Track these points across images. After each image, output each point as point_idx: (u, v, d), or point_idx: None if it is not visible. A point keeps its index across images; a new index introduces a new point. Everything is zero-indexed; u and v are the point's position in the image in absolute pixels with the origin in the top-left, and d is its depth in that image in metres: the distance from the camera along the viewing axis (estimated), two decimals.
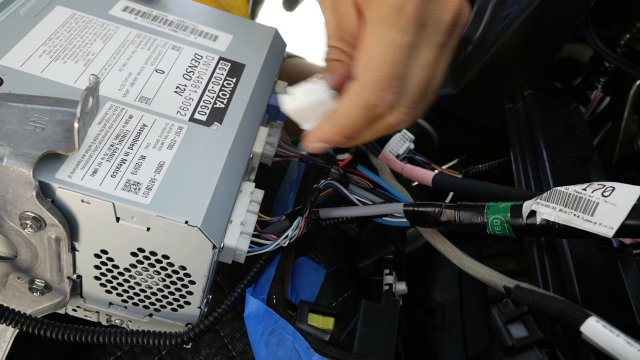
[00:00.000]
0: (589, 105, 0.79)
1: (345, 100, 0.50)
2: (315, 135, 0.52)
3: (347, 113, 0.50)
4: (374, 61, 0.48)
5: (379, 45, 0.47)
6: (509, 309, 0.42)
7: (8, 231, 0.47)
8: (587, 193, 0.44)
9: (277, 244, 0.55)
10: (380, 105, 0.49)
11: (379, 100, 0.48)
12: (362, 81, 0.48)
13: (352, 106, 0.49)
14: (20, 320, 0.47)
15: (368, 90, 0.48)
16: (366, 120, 0.50)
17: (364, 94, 0.48)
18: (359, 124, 0.50)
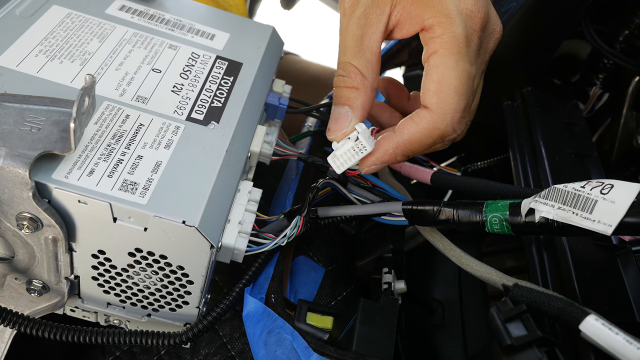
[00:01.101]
0: (588, 102, 0.79)
1: (415, 127, 0.51)
2: (379, 159, 0.53)
3: (417, 140, 0.51)
4: (452, 94, 0.49)
5: (456, 77, 0.49)
6: (507, 307, 0.42)
7: (5, 232, 0.46)
8: (586, 190, 0.44)
9: (275, 243, 0.55)
10: (452, 135, 0.51)
11: (453, 132, 0.51)
12: (440, 113, 0.49)
13: (426, 135, 0.50)
14: (18, 321, 0.47)
15: (447, 123, 0.50)
16: (432, 145, 0.52)
17: (441, 126, 0.50)
18: (424, 149, 0.52)
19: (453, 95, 0.49)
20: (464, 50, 0.49)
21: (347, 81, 0.53)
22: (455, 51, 0.49)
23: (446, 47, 0.49)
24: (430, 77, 0.50)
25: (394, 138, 0.51)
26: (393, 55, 0.76)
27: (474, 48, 0.50)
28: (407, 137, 0.51)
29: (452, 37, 0.49)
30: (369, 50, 0.52)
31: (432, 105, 0.50)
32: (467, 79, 0.49)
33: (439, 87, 0.49)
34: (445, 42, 0.49)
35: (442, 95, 0.49)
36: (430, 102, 0.50)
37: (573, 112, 0.73)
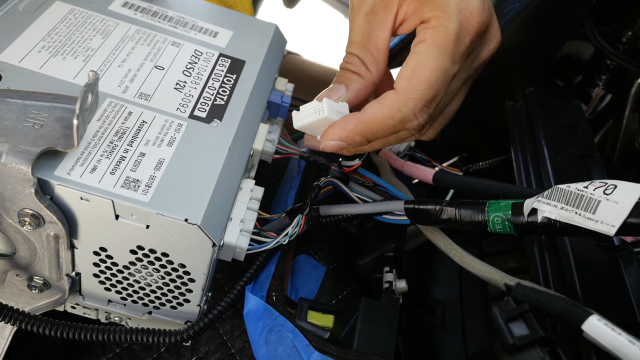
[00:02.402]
0: (590, 103, 0.79)
1: (379, 107, 0.51)
2: (336, 133, 0.52)
3: (379, 120, 0.50)
4: (422, 81, 0.49)
5: (432, 68, 0.49)
6: (510, 307, 0.42)
7: (6, 228, 0.46)
8: (589, 191, 0.44)
9: (277, 241, 0.55)
10: (413, 122, 0.51)
11: (414, 118, 0.50)
12: (405, 96, 0.50)
13: (387, 116, 0.50)
14: (19, 317, 0.47)
15: (409, 107, 0.50)
16: (393, 130, 0.51)
17: (403, 109, 0.50)
18: (384, 132, 0.51)
19: (423, 83, 0.49)
20: (450, 47, 0.49)
21: (350, 67, 0.54)
22: (441, 44, 0.49)
23: (434, 38, 0.49)
24: (408, 62, 0.50)
25: (357, 116, 0.52)
26: (396, 54, 0.76)
27: (462, 48, 0.50)
28: (369, 116, 0.51)
29: (443, 30, 0.49)
30: (375, 46, 0.53)
31: (400, 88, 0.50)
32: (443, 75, 0.49)
33: (412, 72, 0.50)
34: (434, 34, 0.50)
35: (412, 81, 0.49)
36: (400, 85, 0.50)
37: (575, 113, 0.73)
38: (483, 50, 0.54)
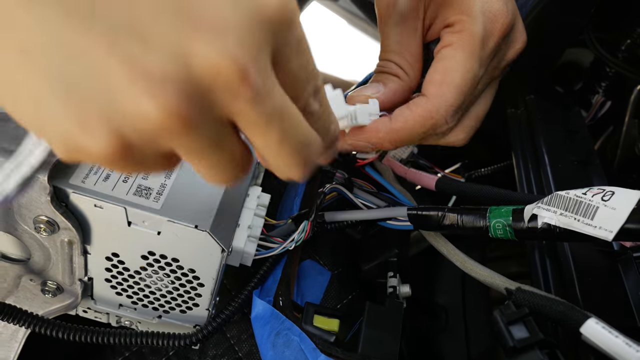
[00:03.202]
0: (591, 110, 0.80)
1: (410, 115, 0.50)
2: (366, 137, 0.51)
3: (411, 127, 0.50)
4: (452, 87, 0.49)
5: (462, 73, 0.49)
6: (510, 310, 0.43)
7: (22, 234, 0.48)
8: (587, 197, 0.45)
9: (283, 247, 0.56)
10: (443, 127, 0.50)
11: (446, 124, 0.50)
12: (436, 103, 0.49)
13: (419, 123, 0.50)
14: (33, 321, 0.49)
15: (441, 114, 0.49)
16: (423, 136, 0.51)
17: (435, 115, 0.49)
18: (414, 138, 0.51)
19: (453, 89, 0.49)
20: (477, 50, 0.49)
21: (388, 70, 0.53)
22: (468, 49, 0.49)
23: (460, 42, 0.49)
24: (436, 67, 0.50)
25: (387, 122, 0.51)
26: None
27: (488, 51, 0.50)
28: (400, 124, 0.50)
29: (469, 34, 0.49)
30: (409, 53, 0.53)
31: (430, 94, 0.50)
32: (472, 78, 0.49)
33: (442, 78, 0.49)
34: (461, 38, 0.49)
35: (443, 87, 0.49)
36: (430, 92, 0.50)
37: (575, 120, 0.74)
38: (509, 51, 0.54)
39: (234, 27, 0.28)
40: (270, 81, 0.30)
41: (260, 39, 0.29)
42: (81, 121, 0.28)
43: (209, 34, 0.27)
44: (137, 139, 0.29)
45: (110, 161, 0.30)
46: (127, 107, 0.28)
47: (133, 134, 0.29)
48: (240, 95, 0.29)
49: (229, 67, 0.27)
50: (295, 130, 0.33)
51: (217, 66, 0.27)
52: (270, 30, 0.29)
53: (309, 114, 0.35)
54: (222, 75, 0.28)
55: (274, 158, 0.34)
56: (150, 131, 0.28)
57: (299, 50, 0.32)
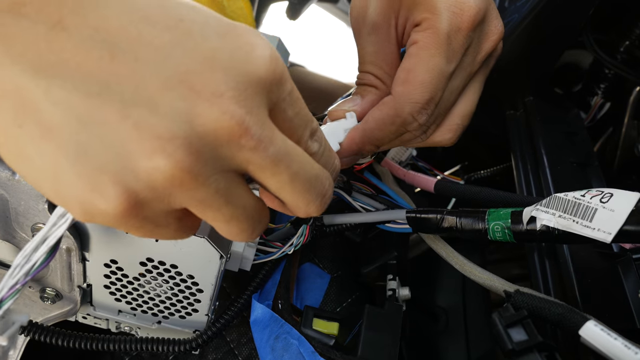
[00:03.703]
0: (590, 111, 0.80)
1: (378, 114, 0.51)
2: (347, 150, 0.53)
3: (380, 126, 0.51)
4: (417, 84, 0.49)
5: (425, 70, 0.49)
6: (509, 313, 0.43)
7: (20, 242, 0.48)
8: (586, 199, 0.45)
9: (282, 251, 0.56)
10: (413, 124, 0.51)
11: (413, 120, 0.51)
12: (401, 101, 0.50)
13: (387, 122, 0.51)
14: (32, 329, 0.49)
15: (406, 111, 0.50)
16: (396, 134, 0.52)
17: (401, 113, 0.50)
18: (388, 136, 0.52)
19: (418, 86, 0.49)
20: (442, 46, 0.49)
21: (365, 81, 0.54)
22: (432, 45, 0.49)
23: (425, 40, 0.50)
24: (402, 66, 0.51)
25: (360, 127, 0.52)
26: None
27: (456, 46, 0.50)
28: (371, 125, 0.51)
29: (433, 31, 0.49)
30: (386, 62, 0.53)
31: (396, 92, 0.51)
32: (438, 75, 0.49)
33: (406, 76, 0.50)
34: (425, 36, 0.50)
35: (408, 85, 0.50)
36: (395, 90, 0.51)
37: (575, 122, 0.74)
38: (484, 42, 0.53)
39: (230, 91, 0.31)
40: (269, 129, 0.33)
41: (254, 97, 0.32)
42: (95, 185, 0.31)
43: (209, 99, 0.31)
44: (149, 195, 0.32)
45: (125, 220, 0.32)
46: (138, 166, 0.31)
47: (145, 191, 0.31)
48: (243, 145, 0.32)
49: (229, 122, 0.31)
50: (304, 168, 0.36)
51: (219, 122, 0.31)
52: (263, 89, 0.33)
53: (312, 154, 0.38)
54: (224, 129, 0.31)
55: (290, 197, 0.37)
56: (162, 186, 0.31)
57: (292, 101, 0.36)
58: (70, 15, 0.30)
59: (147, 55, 0.31)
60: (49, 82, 0.30)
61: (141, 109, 0.30)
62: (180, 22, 0.32)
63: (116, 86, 0.30)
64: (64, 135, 0.30)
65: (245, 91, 0.32)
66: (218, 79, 0.31)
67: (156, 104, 0.30)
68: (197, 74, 0.31)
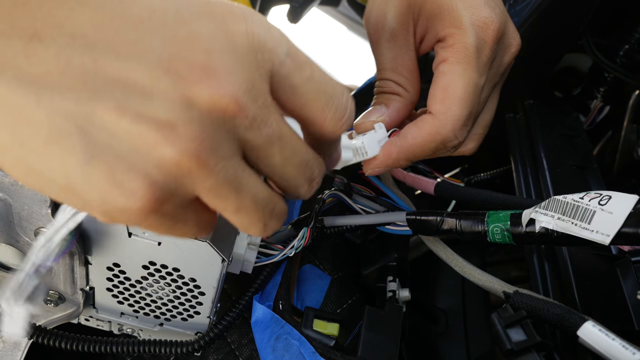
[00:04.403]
0: (589, 115, 0.80)
1: (418, 132, 0.51)
2: (382, 162, 0.53)
3: (421, 145, 0.51)
4: (455, 101, 0.50)
5: (461, 85, 0.49)
6: (508, 313, 0.43)
7: (23, 246, 0.48)
8: (585, 202, 0.45)
9: (283, 254, 0.57)
10: (453, 142, 0.51)
11: (455, 138, 0.51)
12: (443, 119, 0.50)
13: (429, 140, 0.51)
14: (35, 332, 0.49)
15: (448, 129, 0.50)
16: (434, 151, 0.52)
17: (443, 131, 0.50)
18: (426, 154, 0.52)
19: (457, 102, 0.49)
20: (473, 60, 0.49)
21: (387, 89, 0.54)
22: (464, 60, 0.49)
23: (455, 55, 0.50)
24: (437, 84, 0.51)
25: (398, 142, 0.52)
26: None
27: (485, 59, 0.50)
28: (410, 142, 0.51)
29: (463, 46, 0.49)
30: (406, 69, 0.53)
31: (436, 111, 0.50)
32: (474, 89, 0.50)
33: (444, 94, 0.50)
34: (455, 51, 0.50)
35: (447, 103, 0.50)
36: (435, 108, 0.50)
37: (574, 125, 0.74)
38: (505, 55, 0.54)
39: (215, 70, 0.31)
40: (264, 107, 0.33)
41: (243, 71, 0.32)
42: (112, 183, 0.31)
43: (197, 82, 0.31)
44: (165, 185, 0.32)
45: (147, 214, 0.32)
46: (148, 158, 0.31)
47: (160, 181, 0.31)
48: (238, 125, 0.32)
49: (221, 100, 0.31)
50: (295, 152, 0.36)
51: (212, 103, 0.31)
52: (250, 61, 0.33)
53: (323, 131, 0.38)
54: (218, 109, 0.31)
55: (281, 179, 0.37)
56: (172, 174, 0.31)
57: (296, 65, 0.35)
58: (44, 27, 0.30)
59: (127, 51, 0.31)
60: (38, 94, 0.30)
61: (136, 103, 0.30)
62: (153, 13, 0.31)
63: (105, 87, 0.30)
64: (68, 142, 0.30)
65: (232, 67, 0.32)
66: (202, 61, 0.31)
67: (149, 96, 0.30)
68: (180, 60, 0.31)
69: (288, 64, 0.34)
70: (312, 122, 0.37)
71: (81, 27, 0.30)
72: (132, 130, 0.30)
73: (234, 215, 0.35)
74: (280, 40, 0.34)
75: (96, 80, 0.30)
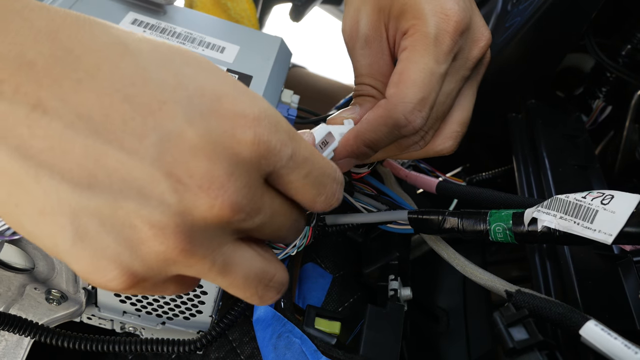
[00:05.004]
0: (591, 115, 0.80)
1: (372, 116, 0.51)
2: (342, 152, 0.52)
3: (373, 129, 0.50)
4: (408, 85, 0.49)
5: (416, 70, 0.49)
6: (510, 312, 0.43)
7: (26, 245, 0.48)
8: (587, 201, 0.45)
9: (285, 253, 0.57)
10: (407, 126, 0.50)
11: (406, 123, 0.50)
12: (394, 101, 0.49)
13: (380, 123, 0.50)
14: (37, 331, 0.49)
15: (399, 111, 0.49)
16: (390, 138, 0.51)
17: (393, 114, 0.49)
18: (382, 139, 0.51)
19: (410, 86, 0.49)
20: (430, 48, 0.49)
21: (363, 92, 0.55)
22: (421, 47, 0.49)
23: (414, 43, 0.50)
24: (395, 69, 0.51)
25: (355, 128, 0.52)
26: None
27: (445, 49, 0.50)
28: (364, 126, 0.51)
29: (421, 35, 0.50)
30: (381, 74, 0.54)
31: (389, 95, 0.50)
32: (429, 75, 0.49)
33: (399, 78, 0.50)
34: (413, 40, 0.50)
35: (400, 86, 0.49)
36: (389, 92, 0.50)
37: (576, 125, 0.74)
38: (473, 48, 0.53)
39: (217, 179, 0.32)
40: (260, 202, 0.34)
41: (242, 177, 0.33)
42: (95, 267, 0.32)
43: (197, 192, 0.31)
44: (148, 273, 0.33)
45: (125, 290, 0.33)
46: (135, 250, 0.32)
47: (143, 271, 0.32)
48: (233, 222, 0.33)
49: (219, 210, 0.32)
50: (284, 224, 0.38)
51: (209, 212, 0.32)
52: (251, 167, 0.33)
53: None
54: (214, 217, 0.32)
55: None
56: (158, 267, 0.32)
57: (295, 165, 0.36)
58: (49, 97, 0.30)
59: (131, 145, 0.31)
60: (37, 170, 0.30)
61: (132, 202, 0.31)
62: (163, 104, 0.31)
63: (104, 179, 0.30)
64: (59, 221, 0.31)
65: (232, 175, 0.32)
66: (204, 169, 0.31)
67: (146, 197, 0.31)
68: (183, 165, 0.31)
69: (289, 166, 0.35)
70: (302, 204, 0.38)
71: (87, 108, 0.30)
72: (123, 224, 0.31)
73: (227, 289, 0.36)
74: (285, 143, 0.35)
75: (97, 171, 0.30)
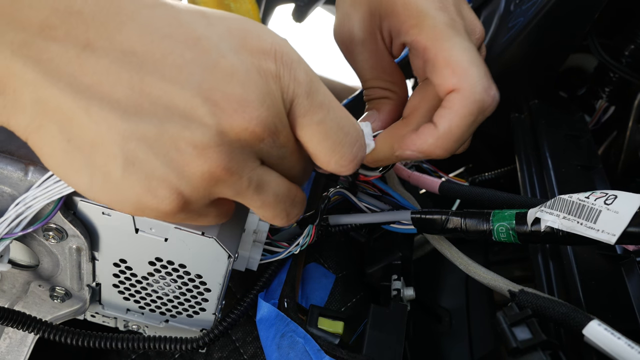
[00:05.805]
0: (594, 115, 0.80)
1: (454, 112, 0.47)
2: (416, 145, 0.49)
3: (460, 123, 0.47)
4: (467, 65, 0.46)
5: (462, 51, 0.46)
6: (513, 312, 0.43)
7: (31, 242, 0.48)
8: (590, 201, 0.45)
9: (289, 251, 0.57)
10: (491, 102, 0.47)
11: (490, 98, 0.47)
12: (468, 86, 0.46)
13: (466, 115, 0.47)
14: (42, 327, 0.49)
15: (480, 91, 0.46)
16: (475, 126, 0.48)
17: (477, 97, 0.46)
18: (469, 133, 0.48)
19: (469, 65, 0.46)
20: (451, 31, 0.47)
21: (374, 95, 0.54)
22: (445, 34, 0.47)
23: (435, 36, 0.47)
24: (438, 66, 0.47)
25: (432, 130, 0.48)
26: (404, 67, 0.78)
27: (462, 28, 0.48)
28: (447, 125, 0.47)
29: (435, 26, 0.47)
30: (386, 73, 0.54)
31: (455, 85, 0.46)
32: (471, 49, 0.47)
33: (451, 67, 0.46)
34: (434, 32, 0.47)
35: (460, 71, 0.46)
36: (452, 83, 0.46)
37: (579, 125, 0.74)
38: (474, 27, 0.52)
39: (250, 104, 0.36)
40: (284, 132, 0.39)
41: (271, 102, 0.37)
42: (147, 189, 0.36)
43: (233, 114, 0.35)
44: (194, 193, 0.37)
45: (173, 215, 0.38)
46: (182, 171, 0.36)
47: (190, 190, 0.36)
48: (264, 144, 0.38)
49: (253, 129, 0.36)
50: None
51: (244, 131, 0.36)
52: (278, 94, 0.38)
53: None
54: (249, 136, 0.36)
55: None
56: (203, 186, 0.37)
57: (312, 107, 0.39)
58: (97, 37, 0.33)
59: (172, 75, 0.34)
60: (88, 102, 0.33)
61: (175, 125, 0.35)
62: (198, 40, 0.35)
63: (149, 106, 0.34)
64: (110, 149, 0.34)
65: (262, 100, 0.36)
66: (238, 94, 0.35)
67: (188, 119, 0.35)
68: (219, 91, 0.35)
69: (305, 105, 0.39)
70: (316, 159, 0.42)
71: (131, 44, 0.34)
72: (169, 147, 0.35)
73: (259, 209, 0.41)
74: (302, 81, 0.39)
75: (142, 99, 0.34)
